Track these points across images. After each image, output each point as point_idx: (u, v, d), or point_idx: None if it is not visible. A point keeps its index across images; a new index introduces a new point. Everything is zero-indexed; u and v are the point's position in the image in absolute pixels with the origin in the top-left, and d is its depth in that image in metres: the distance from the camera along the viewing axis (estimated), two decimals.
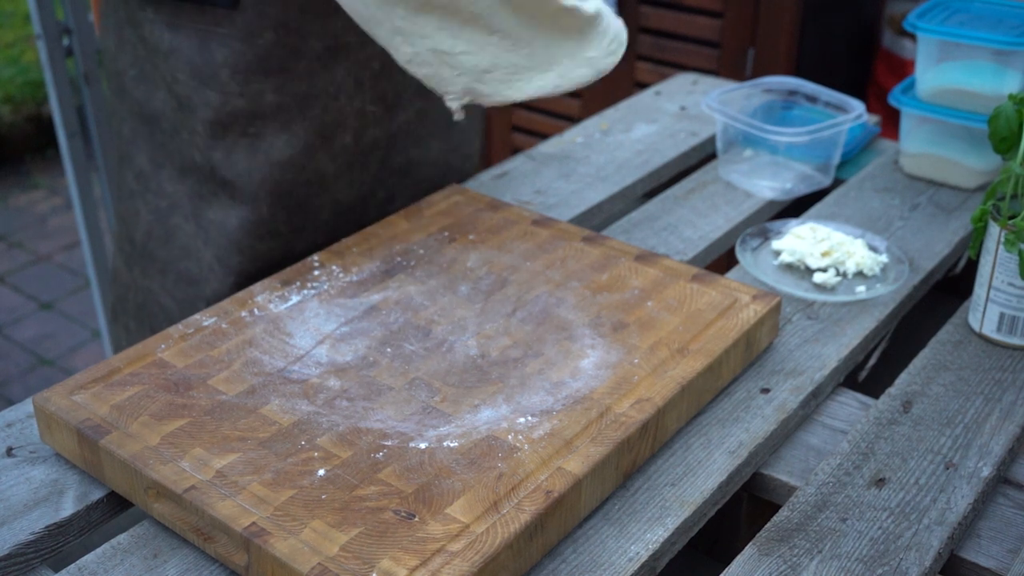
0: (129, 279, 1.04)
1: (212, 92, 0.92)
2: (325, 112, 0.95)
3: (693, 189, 1.16)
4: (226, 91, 0.92)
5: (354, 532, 0.65)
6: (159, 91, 0.94)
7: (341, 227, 1.02)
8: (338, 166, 0.98)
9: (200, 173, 0.95)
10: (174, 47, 0.92)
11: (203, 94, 0.92)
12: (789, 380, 0.86)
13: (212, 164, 0.94)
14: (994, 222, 0.89)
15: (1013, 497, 0.78)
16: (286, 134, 0.94)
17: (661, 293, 0.89)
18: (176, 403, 0.76)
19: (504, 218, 1.01)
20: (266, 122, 0.94)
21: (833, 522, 0.73)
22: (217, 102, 0.92)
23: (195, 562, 0.69)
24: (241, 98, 0.92)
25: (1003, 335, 0.91)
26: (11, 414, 0.82)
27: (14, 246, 2.86)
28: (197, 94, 0.92)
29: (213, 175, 0.94)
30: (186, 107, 0.93)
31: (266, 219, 0.96)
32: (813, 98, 1.21)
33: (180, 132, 0.94)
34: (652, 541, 0.70)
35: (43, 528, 0.71)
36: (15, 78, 3.40)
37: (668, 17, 2.12)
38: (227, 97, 0.92)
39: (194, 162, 0.94)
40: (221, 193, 0.95)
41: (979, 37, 1.07)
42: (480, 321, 0.86)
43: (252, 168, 0.95)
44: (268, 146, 0.94)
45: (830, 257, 0.99)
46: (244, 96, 0.92)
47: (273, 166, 0.95)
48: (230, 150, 0.94)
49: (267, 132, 0.94)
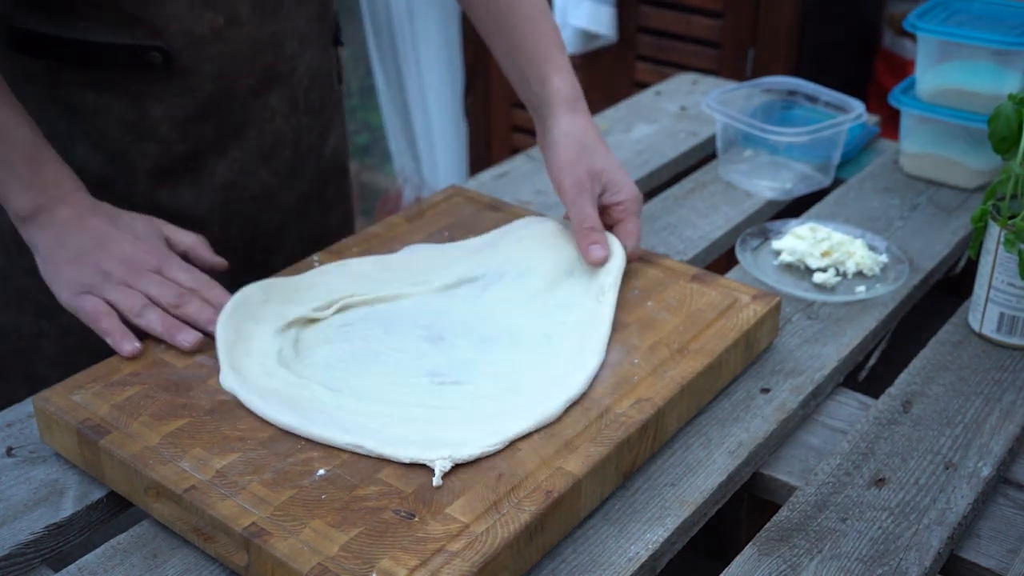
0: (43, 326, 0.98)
1: (151, 144, 0.91)
2: (262, 134, 0.96)
3: (693, 189, 1.16)
4: (167, 140, 0.91)
5: (354, 532, 0.65)
6: (79, 148, 0.90)
7: (291, 228, 1.03)
8: (282, 178, 0.99)
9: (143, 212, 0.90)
10: (100, 106, 0.89)
11: (141, 147, 0.91)
12: (789, 380, 0.86)
13: (157, 203, 0.93)
14: (994, 222, 0.89)
15: (1013, 497, 0.78)
16: (226, 160, 0.95)
17: (661, 293, 0.89)
18: (176, 403, 0.76)
19: (504, 218, 1.01)
20: (206, 155, 0.94)
21: (833, 522, 0.73)
22: (157, 152, 0.92)
23: (195, 562, 0.69)
24: (183, 143, 0.92)
25: (1003, 335, 0.91)
26: (11, 414, 0.82)
27: None
28: (134, 147, 0.91)
29: (159, 212, 0.92)
30: (120, 160, 0.91)
31: (218, 238, 0.95)
32: (813, 98, 1.21)
33: (114, 183, 0.92)
34: (652, 541, 0.70)
35: (43, 528, 0.71)
36: None
37: (668, 17, 2.12)
38: (167, 146, 0.92)
39: (133, 205, 0.91)
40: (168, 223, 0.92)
41: (979, 37, 1.07)
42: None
43: (199, 197, 0.95)
44: (210, 175, 0.95)
45: (830, 257, 0.99)
46: (186, 141, 0.92)
47: (218, 191, 0.95)
48: (174, 187, 0.94)
49: (208, 163, 0.94)
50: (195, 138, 0.92)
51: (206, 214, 0.96)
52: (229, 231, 0.98)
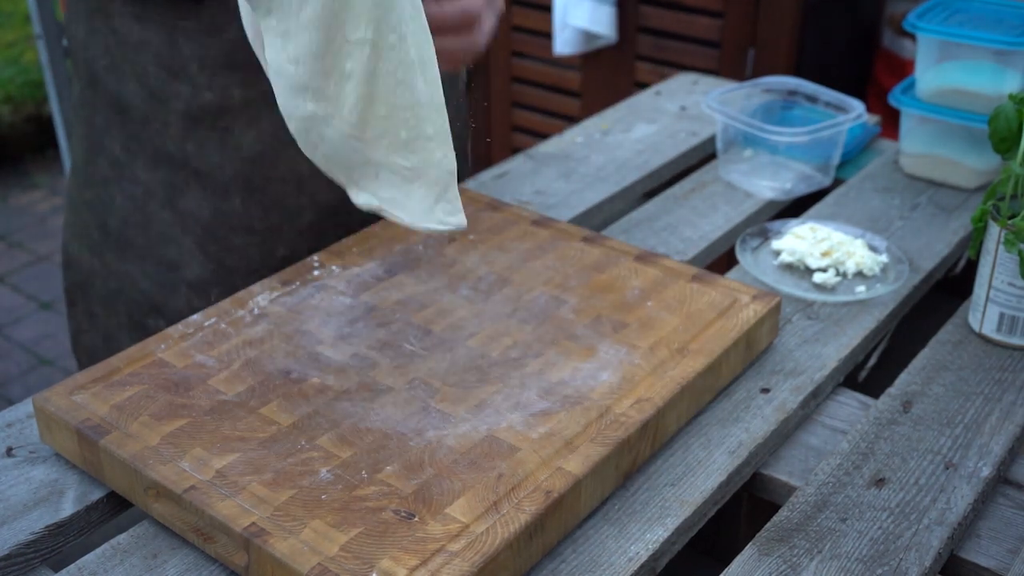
0: (96, 265, 1.04)
1: (182, 85, 0.93)
2: None
3: (693, 189, 1.16)
4: (195, 84, 0.93)
5: (354, 532, 0.65)
6: (130, 82, 0.94)
7: (328, 231, 1.01)
8: (313, 165, 0.98)
9: (174, 162, 0.95)
10: (143, 40, 0.92)
11: (174, 87, 0.93)
12: (789, 380, 0.86)
13: (185, 154, 0.95)
14: (994, 222, 0.89)
15: (1013, 497, 0.78)
16: (254, 130, 0.95)
17: (661, 293, 0.89)
18: (176, 403, 0.76)
19: (504, 218, 1.01)
20: (235, 117, 0.94)
21: (833, 522, 0.73)
22: (188, 94, 0.93)
23: (195, 562, 0.69)
24: (210, 91, 0.93)
25: (1003, 335, 0.91)
26: (11, 414, 0.82)
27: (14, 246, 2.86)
28: (168, 87, 0.93)
29: (186, 164, 0.94)
30: (158, 98, 0.94)
31: (239, 212, 0.96)
32: (813, 98, 1.21)
33: (152, 122, 0.94)
34: (652, 541, 0.70)
35: (43, 528, 0.71)
36: (15, 78, 3.40)
37: (668, 17, 2.12)
38: (197, 90, 0.93)
39: (167, 152, 0.95)
40: (194, 183, 0.96)
41: (979, 37, 1.07)
42: (480, 321, 0.86)
43: (224, 162, 0.95)
44: (237, 141, 0.95)
45: (830, 257, 0.99)
46: (212, 90, 0.93)
47: (244, 161, 0.95)
48: (202, 143, 0.95)
49: (236, 127, 0.94)
50: (222, 88, 0.93)
51: (229, 182, 0.96)
52: (251, 208, 0.97)
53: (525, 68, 2.37)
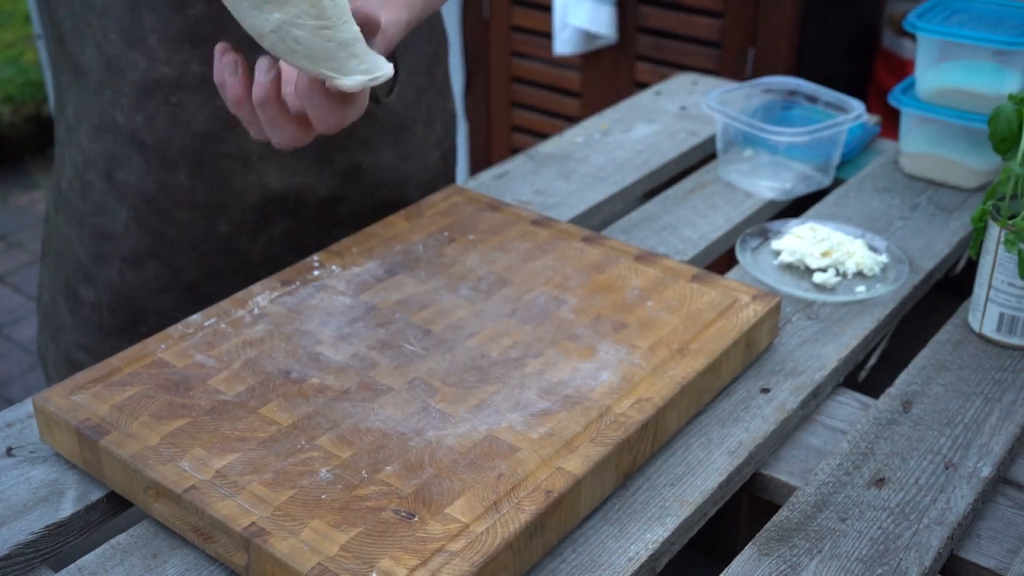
0: (55, 223, 1.05)
1: (140, 56, 0.92)
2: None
3: (693, 189, 1.16)
4: (153, 56, 0.92)
5: (354, 532, 0.65)
6: (89, 47, 0.94)
7: (274, 217, 1.01)
8: (261, 145, 0.98)
9: (119, 134, 0.95)
10: (106, 7, 0.92)
11: (131, 56, 0.92)
12: (789, 380, 0.86)
13: (134, 126, 0.95)
14: (994, 222, 0.89)
15: (1013, 497, 0.78)
16: (209, 107, 0.94)
17: (661, 293, 0.89)
18: (176, 403, 0.76)
19: (504, 218, 1.01)
20: (190, 93, 0.94)
21: (833, 522, 0.73)
22: (144, 66, 0.93)
23: (195, 562, 0.69)
24: (167, 66, 0.92)
25: (1003, 335, 0.91)
26: (11, 414, 0.82)
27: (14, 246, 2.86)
28: (125, 56, 0.92)
29: (134, 137, 0.94)
30: (114, 67, 0.93)
31: (185, 186, 0.96)
32: (813, 98, 1.21)
33: (104, 91, 0.94)
34: (652, 541, 0.70)
35: (43, 528, 0.71)
36: (15, 78, 3.40)
37: (668, 17, 2.12)
38: (154, 63, 0.92)
39: (115, 122, 0.94)
40: (137, 156, 0.96)
41: (979, 37, 1.07)
42: (480, 321, 0.86)
43: (173, 136, 0.95)
44: (189, 117, 0.94)
45: (830, 257, 0.99)
46: (170, 64, 0.92)
47: (194, 137, 0.95)
48: (152, 116, 0.94)
49: (189, 104, 0.94)
50: (181, 63, 0.92)
51: (176, 157, 0.95)
52: (197, 183, 0.97)
53: (525, 68, 2.37)
